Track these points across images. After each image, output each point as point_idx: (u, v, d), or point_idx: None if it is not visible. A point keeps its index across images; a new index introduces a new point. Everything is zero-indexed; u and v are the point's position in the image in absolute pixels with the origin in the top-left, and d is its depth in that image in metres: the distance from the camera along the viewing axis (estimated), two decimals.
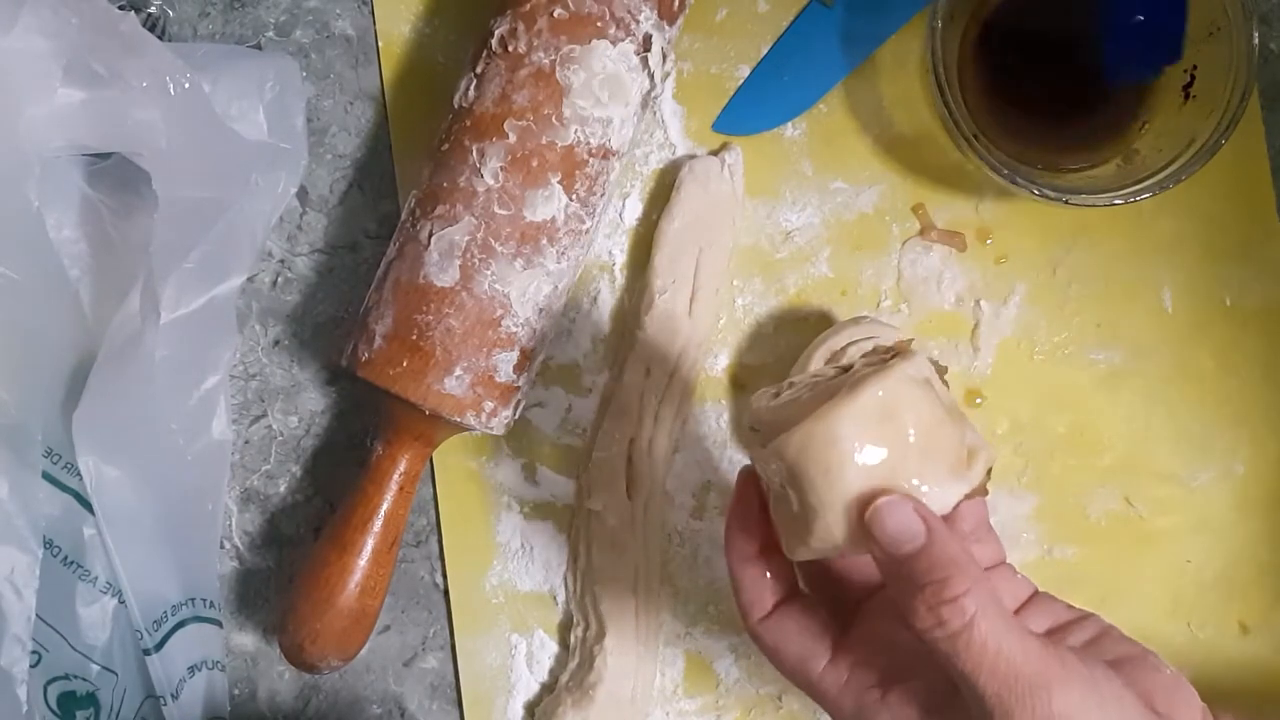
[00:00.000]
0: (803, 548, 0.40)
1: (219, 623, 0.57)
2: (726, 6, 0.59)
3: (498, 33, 0.53)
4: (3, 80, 0.47)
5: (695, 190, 0.57)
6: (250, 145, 0.54)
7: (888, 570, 0.39)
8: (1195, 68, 0.55)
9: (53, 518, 0.52)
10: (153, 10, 0.58)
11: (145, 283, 0.50)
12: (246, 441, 0.59)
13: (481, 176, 0.52)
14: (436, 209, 0.53)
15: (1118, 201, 0.53)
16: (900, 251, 0.59)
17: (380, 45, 0.59)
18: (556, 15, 0.52)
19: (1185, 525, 0.59)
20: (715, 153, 0.58)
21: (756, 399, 0.43)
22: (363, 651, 0.55)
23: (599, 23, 0.52)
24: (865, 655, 0.42)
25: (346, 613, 0.53)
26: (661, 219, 0.58)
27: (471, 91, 0.54)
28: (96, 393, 0.50)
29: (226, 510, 0.59)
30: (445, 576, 0.59)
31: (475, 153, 0.53)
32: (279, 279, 0.59)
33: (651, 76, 0.54)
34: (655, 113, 0.59)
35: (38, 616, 0.50)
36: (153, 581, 0.53)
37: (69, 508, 0.53)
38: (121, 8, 0.53)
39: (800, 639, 0.43)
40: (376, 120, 0.60)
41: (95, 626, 0.53)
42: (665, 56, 0.55)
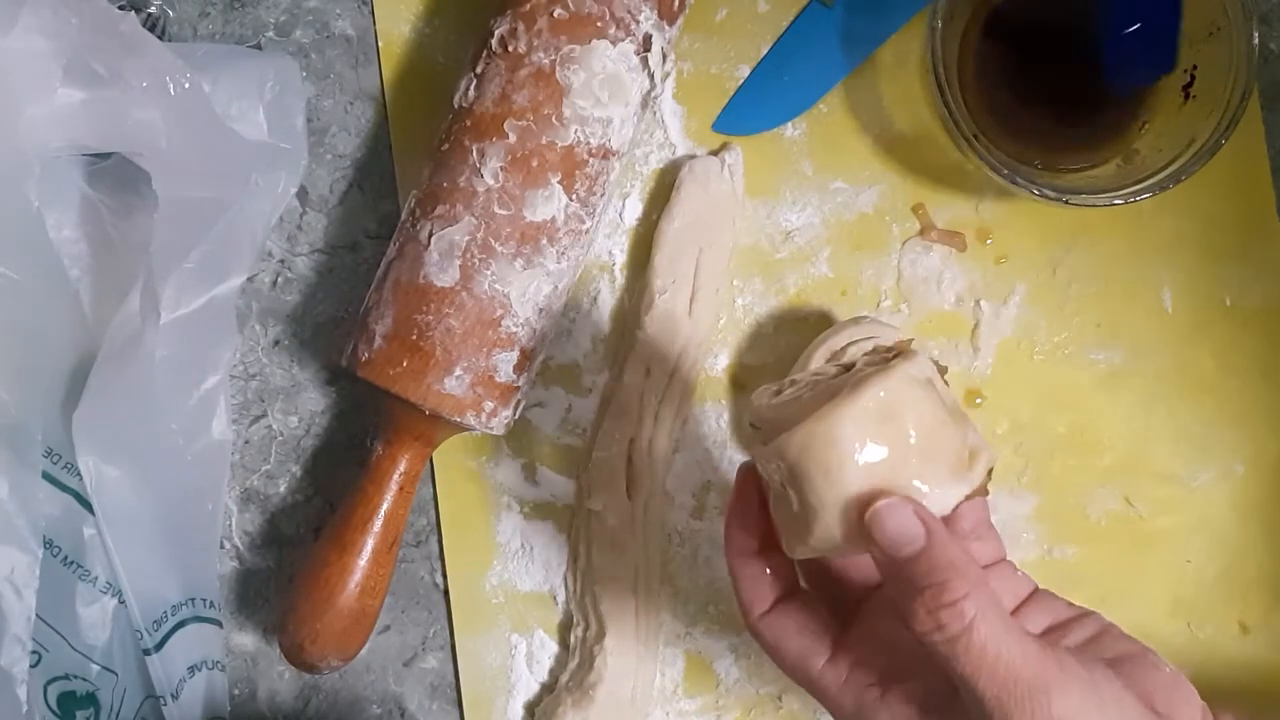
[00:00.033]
0: (802, 547, 0.40)
1: (219, 623, 0.57)
2: (726, 6, 0.59)
3: (498, 33, 0.53)
4: (3, 80, 0.47)
5: (695, 190, 0.57)
6: (250, 145, 0.54)
7: (887, 572, 0.39)
8: (1195, 68, 0.55)
9: (53, 518, 0.52)
10: (153, 10, 0.58)
11: (145, 283, 0.50)
12: (246, 441, 0.59)
13: (481, 176, 0.52)
14: (436, 209, 0.53)
15: (1118, 201, 0.53)
16: (900, 251, 0.59)
17: (380, 45, 0.59)
18: (556, 15, 0.52)
19: (1185, 525, 0.59)
20: (715, 153, 0.58)
21: (757, 396, 0.43)
22: (363, 651, 0.55)
23: (599, 23, 0.52)
24: (865, 654, 0.42)
25: (346, 613, 0.53)
26: (661, 219, 0.58)
27: (471, 91, 0.54)
28: (96, 393, 0.50)
29: (226, 510, 0.59)
30: (445, 576, 0.59)
31: (475, 153, 0.53)
32: (279, 279, 0.59)
33: (651, 76, 0.54)
34: (655, 113, 0.59)
35: (38, 616, 0.50)
36: (153, 581, 0.53)
37: (69, 508, 0.53)
38: (121, 8, 0.53)
39: (800, 636, 0.43)
40: (376, 120, 0.60)
41: (95, 626, 0.53)
42: (665, 56, 0.55)
